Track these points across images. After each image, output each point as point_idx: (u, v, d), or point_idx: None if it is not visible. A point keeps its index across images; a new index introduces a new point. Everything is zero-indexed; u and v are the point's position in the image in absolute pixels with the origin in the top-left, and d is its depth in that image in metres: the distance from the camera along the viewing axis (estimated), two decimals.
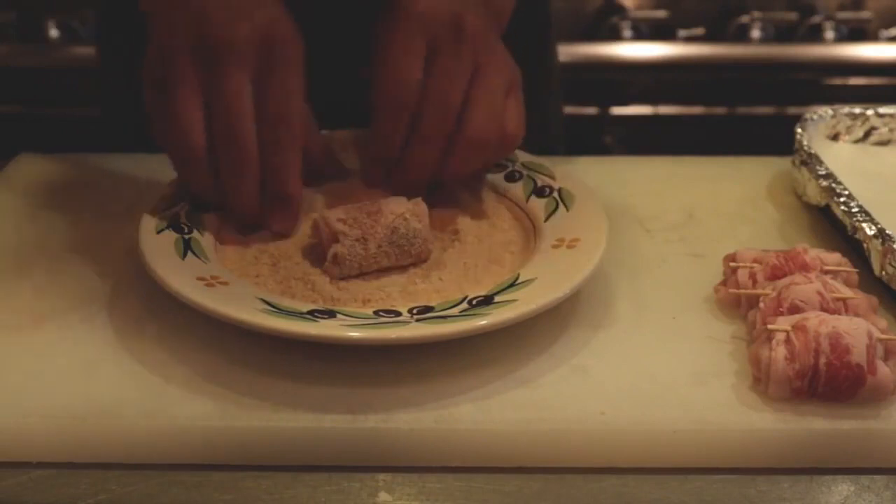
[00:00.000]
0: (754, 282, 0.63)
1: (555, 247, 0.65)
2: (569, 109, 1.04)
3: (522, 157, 0.75)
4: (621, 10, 1.63)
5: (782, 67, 1.64)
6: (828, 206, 0.72)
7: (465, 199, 0.72)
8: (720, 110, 1.66)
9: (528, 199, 0.71)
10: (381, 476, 0.55)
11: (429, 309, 0.59)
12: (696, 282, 0.68)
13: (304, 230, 0.69)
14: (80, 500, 0.53)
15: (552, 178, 0.72)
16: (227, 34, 0.62)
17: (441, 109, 0.66)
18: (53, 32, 1.62)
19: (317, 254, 0.67)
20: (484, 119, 0.66)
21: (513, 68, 0.69)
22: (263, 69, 0.63)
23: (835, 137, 0.85)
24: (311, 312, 0.58)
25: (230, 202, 0.65)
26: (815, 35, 1.64)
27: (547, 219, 0.68)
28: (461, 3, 0.67)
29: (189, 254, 0.63)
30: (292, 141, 0.64)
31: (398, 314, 0.58)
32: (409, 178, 0.68)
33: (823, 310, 0.59)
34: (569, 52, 1.45)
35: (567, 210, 0.68)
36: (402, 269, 0.65)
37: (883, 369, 0.55)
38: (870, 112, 0.86)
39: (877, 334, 0.56)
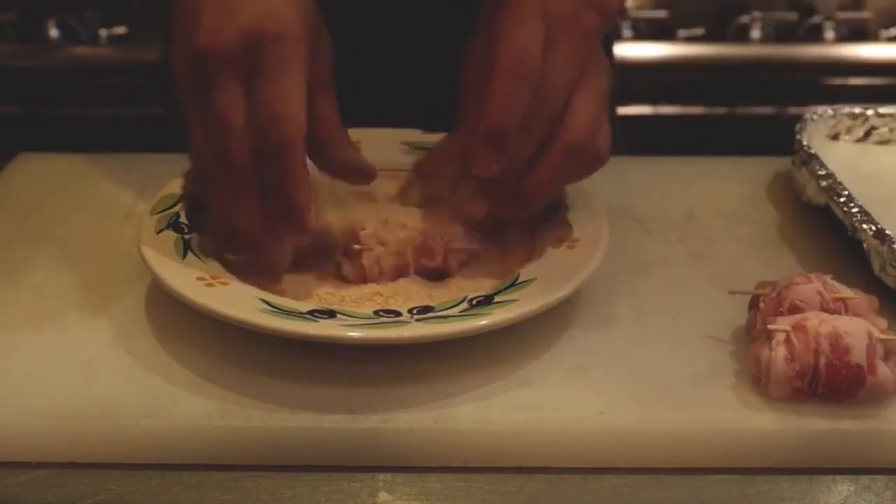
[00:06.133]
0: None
1: (555, 247, 0.65)
2: None
3: None
4: (621, 11, 1.63)
5: (782, 67, 1.63)
6: (828, 206, 0.72)
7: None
8: (720, 110, 1.66)
9: None
10: (381, 476, 0.55)
11: (429, 309, 0.59)
12: (696, 282, 0.68)
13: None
14: (80, 500, 0.53)
15: None
16: (211, 40, 0.57)
17: (547, 101, 0.60)
18: (53, 32, 1.61)
19: (318, 253, 0.67)
20: (584, 124, 0.61)
21: (611, 81, 0.64)
22: (254, 73, 0.57)
23: (835, 137, 0.85)
24: (310, 312, 0.58)
25: (235, 224, 0.60)
26: (815, 35, 1.64)
27: (547, 219, 0.68)
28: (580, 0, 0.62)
29: (189, 254, 0.63)
30: (289, 146, 0.58)
31: (398, 314, 0.58)
32: (501, 177, 0.61)
33: (823, 310, 0.59)
34: None
35: (567, 210, 0.68)
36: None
37: (883, 369, 0.55)
38: (870, 112, 0.86)
39: (877, 334, 0.56)
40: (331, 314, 0.58)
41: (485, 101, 0.60)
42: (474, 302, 0.59)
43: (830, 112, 0.85)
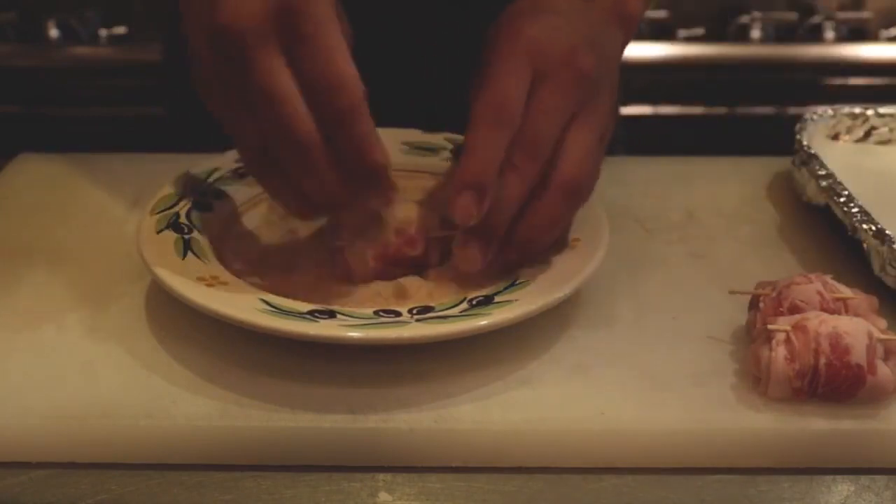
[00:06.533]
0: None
1: (555, 247, 0.65)
2: None
3: None
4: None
5: (782, 67, 1.64)
6: (828, 206, 0.72)
7: None
8: (720, 110, 1.66)
9: None
10: (381, 476, 0.55)
11: (429, 309, 0.59)
12: (696, 282, 0.68)
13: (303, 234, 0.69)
14: (80, 500, 0.53)
15: None
16: (235, 15, 0.54)
17: (533, 143, 0.59)
18: (53, 32, 1.62)
19: (320, 254, 0.67)
20: (580, 163, 0.60)
21: (611, 117, 0.63)
22: (291, 41, 0.54)
23: (835, 137, 0.85)
24: (310, 312, 0.58)
25: (313, 200, 0.58)
26: (815, 35, 1.64)
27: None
28: (577, 38, 0.60)
29: (189, 254, 0.63)
30: (356, 107, 0.55)
31: (398, 314, 0.58)
32: (493, 222, 0.60)
33: (823, 310, 0.59)
34: None
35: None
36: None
37: (883, 369, 0.55)
38: (870, 112, 0.86)
39: (877, 334, 0.56)
40: (331, 314, 0.58)
41: (464, 149, 0.59)
42: (474, 302, 0.59)
43: (830, 112, 0.85)
